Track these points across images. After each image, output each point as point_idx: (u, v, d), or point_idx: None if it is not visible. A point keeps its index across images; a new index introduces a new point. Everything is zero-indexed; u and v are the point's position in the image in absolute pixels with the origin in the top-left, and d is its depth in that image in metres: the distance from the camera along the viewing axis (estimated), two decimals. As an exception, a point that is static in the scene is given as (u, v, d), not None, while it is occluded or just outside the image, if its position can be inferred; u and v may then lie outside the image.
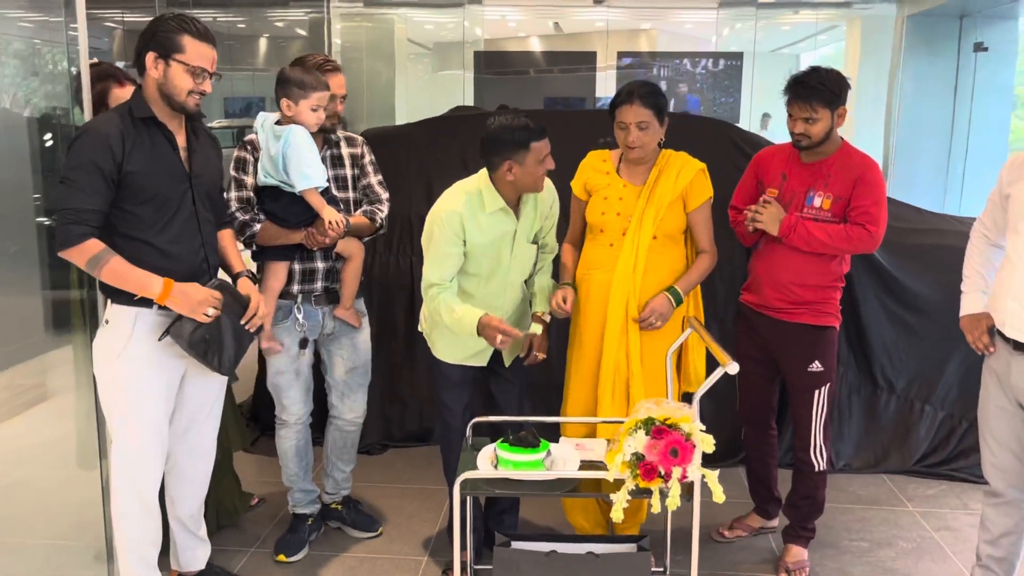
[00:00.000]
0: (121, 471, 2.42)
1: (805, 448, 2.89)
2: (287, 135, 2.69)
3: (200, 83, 2.30)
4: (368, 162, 3.02)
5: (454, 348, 2.74)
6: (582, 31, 11.59)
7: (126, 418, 2.38)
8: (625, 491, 2.07)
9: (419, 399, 3.99)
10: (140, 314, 2.35)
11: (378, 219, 2.97)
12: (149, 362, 2.37)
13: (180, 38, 2.27)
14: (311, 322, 2.90)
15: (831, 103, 2.68)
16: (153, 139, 2.31)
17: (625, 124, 2.71)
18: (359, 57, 10.56)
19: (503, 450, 2.23)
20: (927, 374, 3.72)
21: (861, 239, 2.71)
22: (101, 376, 2.40)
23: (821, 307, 2.83)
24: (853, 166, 2.75)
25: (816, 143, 2.74)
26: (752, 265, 2.98)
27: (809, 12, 10.64)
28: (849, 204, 2.73)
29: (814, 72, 2.71)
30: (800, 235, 2.74)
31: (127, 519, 2.44)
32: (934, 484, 3.64)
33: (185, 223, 2.38)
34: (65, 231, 2.20)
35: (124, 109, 2.32)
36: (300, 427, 2.98)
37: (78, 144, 2.23)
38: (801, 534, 3.00)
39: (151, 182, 2.29)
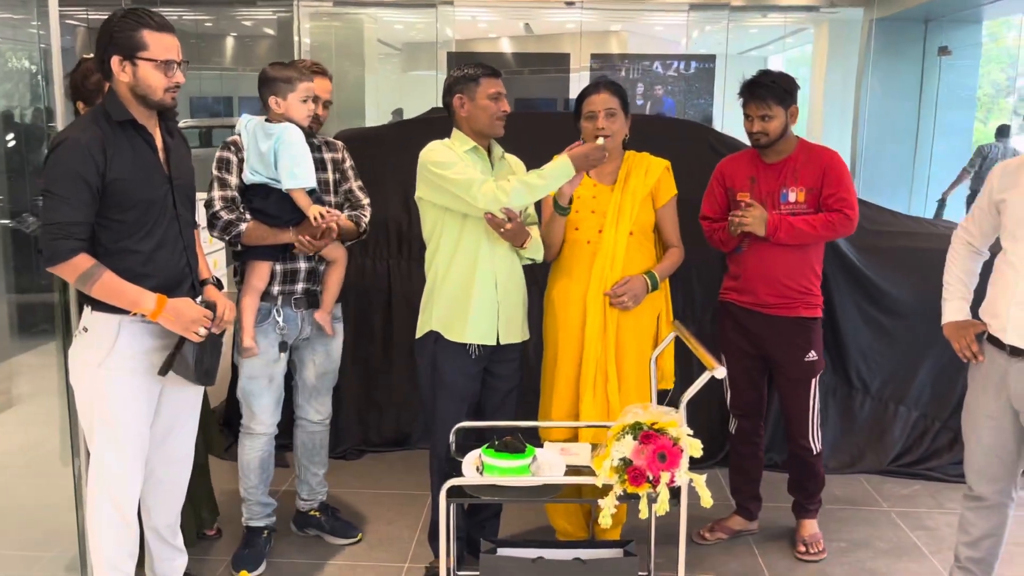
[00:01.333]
0: (100, 482, 2.34)
1: (804, 435, 3.03)
2: (281, 133, 2.66)
3: (172, 76, 2.22)
4: (349, 167, 2.99)
5: (467, 322, 2.65)
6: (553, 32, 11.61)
7: (107, 429, 2.31)
8: (613, 497, 2.06)
9: (396, 404, 3.95)
10: (123, 322, 2.27)
11: (363, 224, 2.94)
12: (131, 371, 2.30)
13: (139, 34, 2.17)
14: (290, 325, 2.86)
15: (784, 101, 2.85)
16: (132, 143, 2.23)
17: (594, 112, 2.75)
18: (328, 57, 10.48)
19: (489, 456, 2.22)
20: (901, 375, 3.77)
21: (841, 223, 2.86)
22: (80, 386, 2.32)
23: (811, 298, 2.96)
24: (817, 157, 2.91)
25: (773, 140, 2.88)
26: (738, 267, 3.03)
27: (778, 15, 10.77)
28: (821, 193, 2.88)
29: (765, 74, 2.92)
30: (786, 231, 2.85)
31: (104, 531, 2.37)
32: (909, 484, 3.69)
33: (167, 227, 2.31)
34: (53, 247, 2.12)
35: (99, 112, 2.23)
36: (267, 438, 2.92)
37: (59, 155, 2.14)
38: (810, 508, 3.14)
39: (135, 188, 2.21)
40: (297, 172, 2.64)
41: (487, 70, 2.68)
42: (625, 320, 2.78)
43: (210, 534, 3.15)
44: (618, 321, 2.77)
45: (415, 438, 3.94)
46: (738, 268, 3.03)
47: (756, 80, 2.89)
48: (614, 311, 2.76)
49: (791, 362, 2.98)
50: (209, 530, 3.15)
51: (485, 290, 2.67)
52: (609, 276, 2.76)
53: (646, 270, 2.80)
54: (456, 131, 2.73)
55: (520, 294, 2.79)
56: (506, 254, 2.72)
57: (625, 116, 2.81)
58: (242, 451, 2.93)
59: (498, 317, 2.70)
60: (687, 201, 2.97)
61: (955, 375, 3.74)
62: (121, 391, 2.29)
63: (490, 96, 2.66)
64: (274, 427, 2.94)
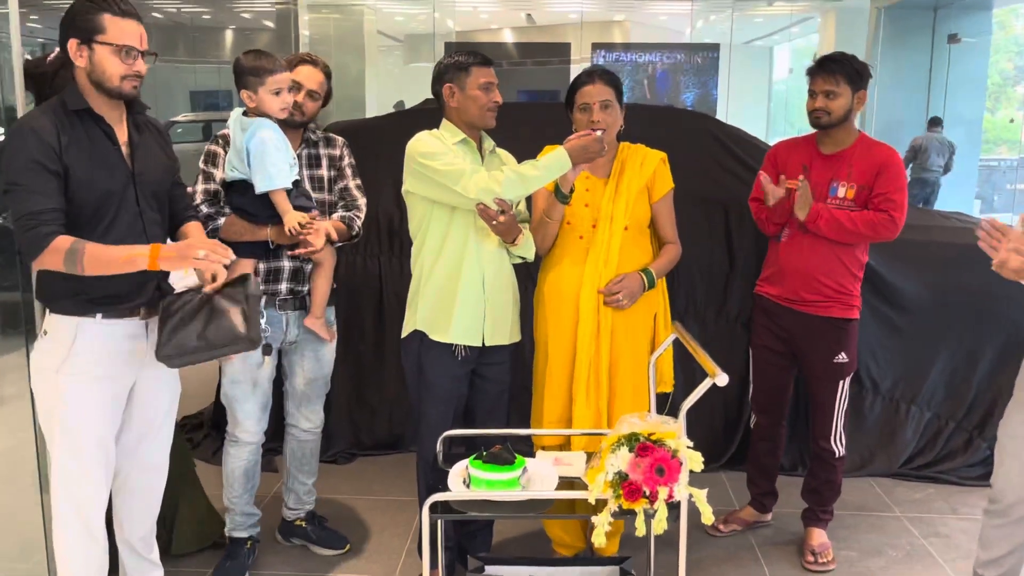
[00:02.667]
0: (63, 494, 2.22)
1: (826, 436, 2.93)
2: (253, 129, 2.52)
3: (131, 63, 2.09)
4: (347, 164, 2.86)
5: (451, 321, 2.52)
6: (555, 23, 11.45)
7: (68, 438, 2.19)
8: (607, 513, 1.92)
9: (388, 404, 3.82)
10: (81, 324, 2.15)
11: (356, 226, 2.80)
12: (92, 376, 2.17)
13: (99, 18, 2.06)
14: (274, 328, 2.72)
15: (854, 82, 2.77)
16: (90, 133, 2.11)
17: (588, 104, 2.61)
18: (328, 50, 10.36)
19: (476, 468, 2.08)
20: (913, 374, 3.62)
21: (884, 224, 2.75)
22: (39, 391, 2.21)
23: (848, 299, 2.86)
24: (875, 155, 2.80)
25: (835, 121, 2.78)
26: (774, 258, 2.97)
27: (783, 4, 10.59)
28: (871, 192, 2.77)
29: (840, 53, 2.83)
30: (825, 220, 2.76)
31: (70, 545, 2.25)
32: (921, 487, 3.54)
33: (130, 225, 2.17)
34: (29, 237, 2.00)
35: (56, 103, 2.11)
36: (252, 447, 2.80)
37: (13, 146, 2.03)
38: (822, 517, 3.04)
39: (89, 180, 2.09)
40: (271, 172, 2.50)
41: (478, 58, 2.54)
42: (620, 320, 2.64)
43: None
44: (612, 321, 2.63)
45: (408, 440, 3.81)
46: (775, 259, 2.95)
47: (829, 56, 2.81)
48: (608, 310, 2.62)
49: (820, 362, 2.90)
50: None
51: (471, 288, 2.54)
52: (603, 273, 2.62)
53: (642, 267, 2.66)
54: (445, 122, 2.59)
55: (509, 294, 2.65)
56: (495, 251, 2.58)
57: (620, 107, 2.67)
58: (226, 459, 2.81)
59: (484, 317, 2.56)
60: (689, 193, 2.84)
61: (970, 374, 3.60)
62: (81, 397, 2.17)
63: (481, 86, 2.53)
64: (260, 435, 2.81)
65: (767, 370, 3.04)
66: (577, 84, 2.67)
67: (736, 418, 3.65)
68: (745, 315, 3.58)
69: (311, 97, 2.74)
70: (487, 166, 2.60)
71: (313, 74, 2.73)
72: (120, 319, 2.19)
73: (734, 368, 3.28)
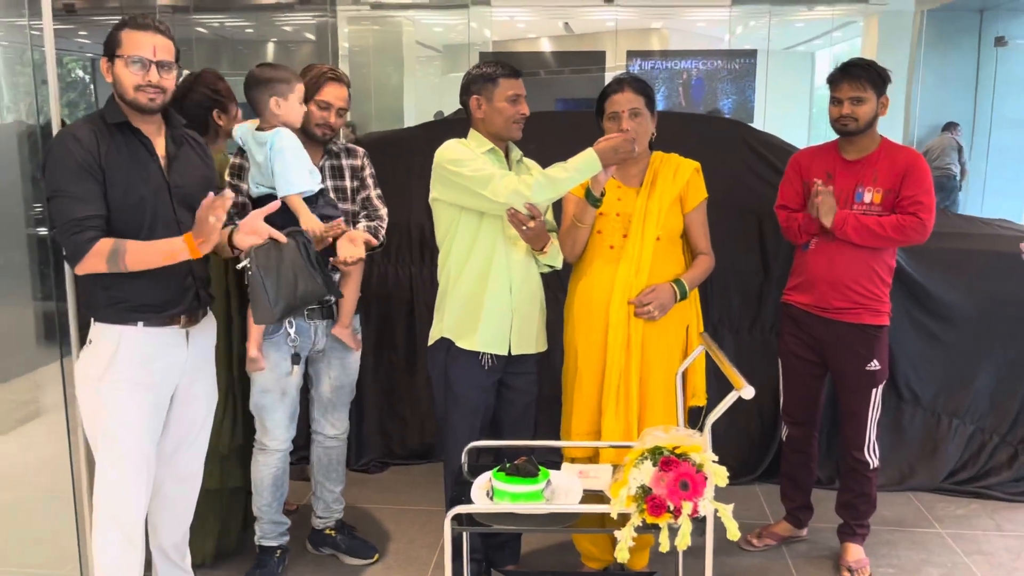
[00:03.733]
0: (104, 501, 2.26)
1: (859, 447, 2.88)
2: (272, 139, 2.54)
3: (143, 74, 2.13)
4: (368, 174, 2.87)
5: (477, 329, 2.52)
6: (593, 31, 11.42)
7: (110, 445, 2.23)
8: (631, 528, 1.89)
9: (420, 414, 3.82)
10: (124, 332, 2.20)
11: (380, 235, 2.81)
12: (134, 384, 2.21)
13: (119, 34, 2.14)
14: (303, 337, 2.74)
15: (878, 87, 2.75)
16: (129, 145, 2.18)
17: (617, 113, 2.58)
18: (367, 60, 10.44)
19: (499, 480, 2.06)
20: (955, 386, 3.52)
21: (913, 227, 2.71)
22: (84, 400, 2.25)
23: (878, 304, 2.82)
24: (900, 158, 2.77)
25: (862, 127, 2.76)
26: (801, 266, 2.93)
27: (824, 8, 10.42)
28: (898, 196, 2.73)
29: (861, 59, 2.82)
30: (853, 226, 2.72)
31: (108, 551, 2.28)
32: (964, 503, 3.44)
33: (164, 232, 2.20)
34: (72, 243, 2.08)
35: (96, 116, 2.19)
36: (281, 455, 2.81)
37: (56, 154, 2.10)
38: (858, 532, 2.98)
39: (125, 189, 2.14)
40: (291, 178, 2.52)
41: (506, 70, 2.54)
42: (651, 331, 2.60)
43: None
44: (643, 332, 2.59)
45: (439, 450, 3.80)
46: (803, 267, 2.91)
47: (852, 62, 2.79)
48: (639, 321, 2.58)
49: (851, 370, 2.84)
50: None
51: (498, 296, 2.53)
52: (634, 283, 2.59)
53: (674, 278, 2.63)
54: (473, 132, 2.60)
55: (536, 303, 2.63)
56: (522, 259, 2.57)
57: (651, 115, 2.63)
58: (255, 468, 2.83)
59: (511, 326, 2.55)
60: (720, 202, 2.79)
61: (1015, 386, 3.49)
62: (123, 406, 2.21)
63: (508, 98, 2.53)
64: (288, 443, 2.83)
65: (797, 379, 2.98)
66: (606, 92, 2.65)
67: (771, 430, 3.58)
68: (780, 325, 3.52)
69: (339, 114, 2.76)
70: (517, 168, 2.61)
71: (339, 91, 2.74)
72: (161, 327, 2.24)
73: (769, 379, 3.24)
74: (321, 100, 2.69)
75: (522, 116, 2.55)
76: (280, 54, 12.39)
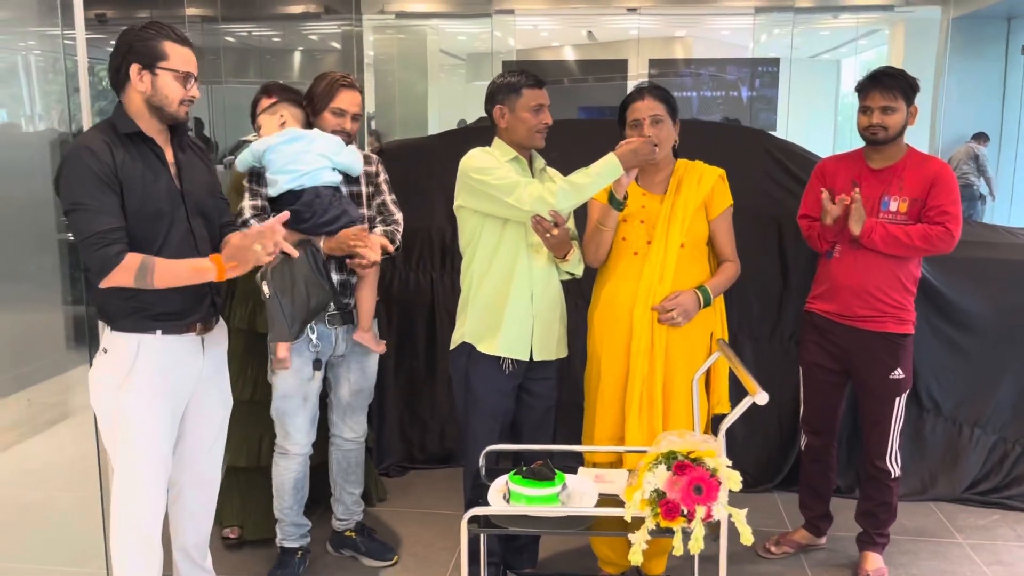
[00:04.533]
0: (123, 506, 2.28)
1: (881, 456, 2.88)
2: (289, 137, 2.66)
3: (189, 89, 2.18)
4: (383, 180, 2.91)
5: (499, 334, 2.56)
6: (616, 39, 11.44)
7: (129, 452, 2.24)
8: (645, 531, 1.91)
9: (440, 419, 3.86)
10: (142, 341, 2.20)
11: (397, 239, 2.85)
12: (153, 392, 2.22)
13: (162, 45, 2.15)
14: (324, 343, 2.78)
15: (908, 96, 2.76)
16: (142, 155, 2.18)
17: (639, 120, 2.60)
18: (392, 68, 10.54)
19: (516, 483, 2.09)
20: (977, 395, 3.50)
21: (940, 237, 2.71)
22: (101, 409, 2.24)
23: (903, 313, 2.82)
24: (927, 167, 2.77)
25: (892, 136, 2.76)
26: (825, 274, 2.93)
27: (849, 16, 10.38)
28: (925, 205, 2.73)
29: (891, 67, 2.82)
30: (880, 235, 2.73)
31: (128, 555, 2.30)
32: (986, 513, 3.41)
33: (181, 244, 2.23)
34: (99, 257, 2.05)
35: (106, 126, 2.18)
36: (301, 458, 2.85)
37: (72, 166, 2.08)
38: (878, 541, 2.97)
39: (141, 199, 2.14)
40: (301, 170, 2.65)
41: (530, 80, 2.57)
42: (675, 338, 2.61)
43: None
44: (667, 339, 2.61)
45: (458, 455, 3.83)
46: (826, 275, 2.91)
47: (883, 71, 2.79)
48: (663, 328, 2.60)
49: (875, 378, 2.84)
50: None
51: (520, 302, 2.56)
52: (658, 290, 2.60)
53: (698, 285, 2.64)
54: (497, 140, 2.64)
55: (557, 309, 2.66)
56: (544, 266, 2.60)
57: (673, 122, 2.65)
58: (276, 472, 2.87)
59: (532, 331, 2.58)
60: (740, 210, 2.80)
61: (1038, 396, 3.46)
62: (142, 414, 2.22)
63: (531, 108, 2.55)
64: (308, 447, 2.86)
65: (818, 388, 2.98)
66: (628, 100, 2.67)
67: (791, 438, 3.57)
68: (800, 334, 3.51)
69: (354, 120, 2.80)
70: (542, 177, 2.64)
71: (354, 98, 2.78)
72: (178, 335, 2.25)
73: (788, 387, 3.24)
74: (335, 107, 2.74)
75: (545, 126, 2.58)
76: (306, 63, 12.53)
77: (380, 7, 10.88)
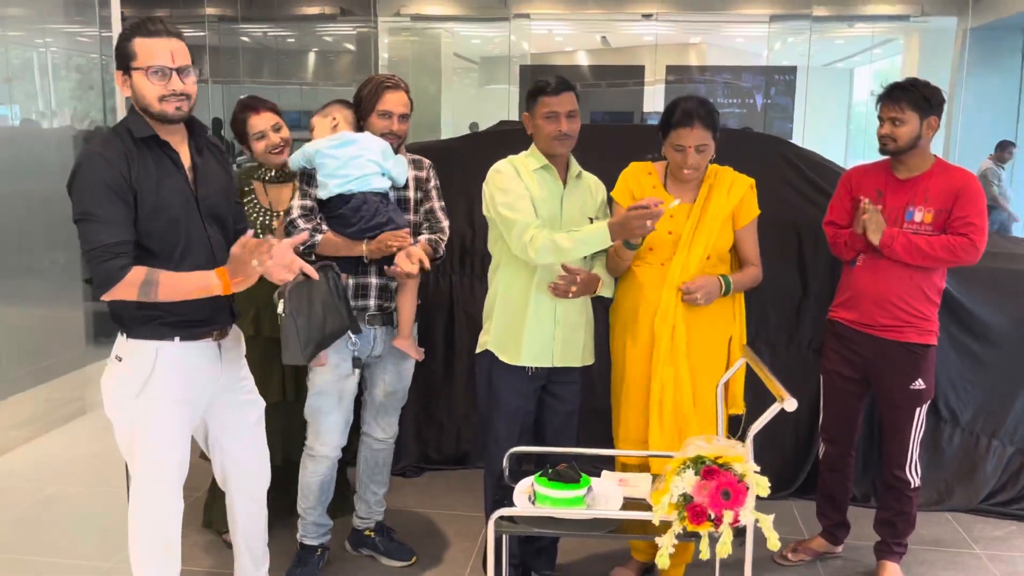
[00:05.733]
0: (141, 511, 2.25)
1: (901, 466, 2.88)
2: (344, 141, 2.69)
3: (166, 83, 2.05)
4: (433, 187, 2.91)
5: (521, 344, 2.58)
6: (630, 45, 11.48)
7: (148, 460, 2.20)
8: (672, 535, 1.92)
9: (457, 421, 3.88)
10: (160, 348, 2.15)
11: (440, 249, 2.85)
12: (171, 399, 2.19)
13: (131, 44, 2.05)
14: (362, 342, 2.77)
15: (921, 109, 2.73)
16: (156, 160, 2.11)
17: (683, 147, 2.57)
18: (406, 71, 10.60)
19: (541, 485, 2.11)
20: (995, 406, 3.50)
21: (964, 249, 2.70)
22: (118, 418, 2.20)
23: (925, 324, 2.82)
24: (953, 179, 2.77)
25: (902, 148, 2.75)
26: (848, 282, 2.93)
27: (865, 25, 10.40)
28: (950, 216, 2.72)
29: (910, 79, 2.80)
30: (901, 244, 2.72)
31: (146, 558, 2.28)
32: (1002, 524, 3.41)
33: (196, 249, 2.19)
34: (104, 270, 2.00)
35: (122, 130, 2.11)
36: (330, 461, 2.84)
37: (85, 174, 2.02)
38: (895, 550, 2.97)
39: (158, 207, 2.09)
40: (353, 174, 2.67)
41: (544, 87, 2.57)
42: (696, 343, 2.63)
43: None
44: (688, 344, 2.62)
45: (474, 456, 3.85)
46: (849, 283, 2.92)
47: (897, 83, 2.79)
48: (682, 335, 2.61)
49: (896, 388, 2.84)
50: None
51: (543, 312, 2.58)
52: (676, 300, 2.61)
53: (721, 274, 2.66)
54: (532, 146, 2.65)
55: (583, 317, 2.68)
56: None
57: (715, 142, 2.63)
58: (303, 473, 2.85)
59: (555, 338, 2.60)
60: (761, 217, 2.81)
61: (1056, 409, 3.46)
62: (161, 421, 2.19)
63: (543, 116, 2.56)
64: (338, 451, 2.85)
65: (838, 397, 2.98)
66: (674, 121, 2.58)
67: (807, 446, 3.58)
68: (818, 341, 3.52)
69: (401, 120, 2.80)
70: (569, 192, 2.63)
71: (399, 97, 2.79)
72: (196, 341, 2.21)
73: (805, 395, 3.24)
74: (382, 110, 2.75)
75: (560, 133, 2.54)
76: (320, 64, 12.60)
77: (396, 9, 10.93)
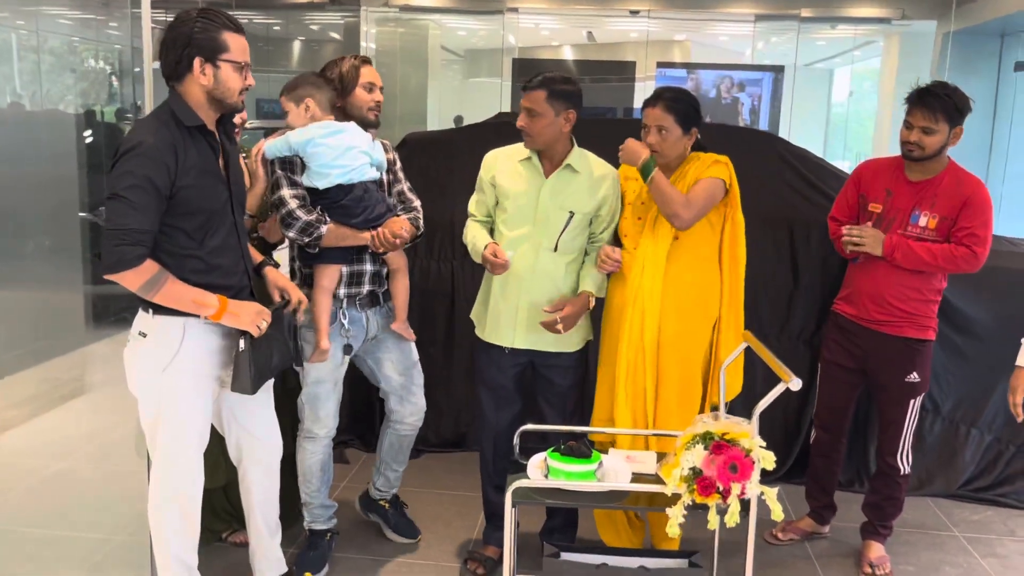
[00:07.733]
0: (165, 485, 2.32)
1: (893, 453, 2.98)
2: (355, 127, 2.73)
3: (247, 78, 2.19)
4: (399, 168, 2.97)
5: (485, 320, 2.81)
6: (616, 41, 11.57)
7: (173, 433, 2.28)
8: (681, 506, 2.03)
9: (455, 405, 3.97)
10: (188, 324, 2.22)
11: (420, 225, 2.92)
12: (196, 374, 2.27)
13: (222, 36, 2.13)
14: (355, 328, 2.83)
15: (952, 119, 2.73)
16: (199, 149, 2.18)
17: (647, 125, 2.65)
18: (392, 62, 10.59)
19: (554, 459, 2.21)
20: (975, 397, 3.65)
21: (965, 259, 2.74)
22: (144, 393, 2.27)
23: (923, 320, 2.88)
24: (962, 187, 2.77)
25: (927, 156, 2.75)
26: (850, 277, 3.02)
27: (847, 27, 10.55)
28: (955, 224, 2.75)
29: (942, 85, 2.78)
30: (903, 252, 2.77)
31: (168, 528, 2.36)
32: (980, 509, 3.57)
33: (227, 234, 2.27)
34: (118, 252, 2.04)
35: (167, 117, 2.15)
36: (327, 441, 2.90)
37: (133, 159, 2.06)
38: (881, 531, 3.09)
39: (200, 196, 2.16)
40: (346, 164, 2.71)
41: (526, 83, 2.64)
42: (671, 327, 2.65)
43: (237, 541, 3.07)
44: (661, 328, 2.64)
45: (471, 440, 3.95)
46: (851, 279, 3.01)
47: (930, 89, 2.75)
48: (653, 321, 2.63)
49: (891, 380, 2.93)
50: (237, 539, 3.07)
51: (508, 292, 2.73)
52: (641, 284, 2.64)
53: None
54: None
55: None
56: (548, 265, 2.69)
57: (685, 132, 2.62)
58: (302, 456, 2.89)
59: (516, 322, 2.72)
60: (752, 212, 2.89)
61: (1032, 399, 3.61)
62: (187, 394, 2.26)
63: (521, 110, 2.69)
64: (334, 430, 2.92)
65: (835, 386, 3.08)
66: (645, 102, 2.67)
67: (795, 432, 3.71)
68: (808, 333, 3.65)
69: (381, 91, 2.85)
70: (549, 185, 2.68)
71: (374, 71, 2.82)
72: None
73: (796, 383, 3.36)
74: (365, 83, 2.78)
75: (520, 128, 2.65)
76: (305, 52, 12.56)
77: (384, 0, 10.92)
